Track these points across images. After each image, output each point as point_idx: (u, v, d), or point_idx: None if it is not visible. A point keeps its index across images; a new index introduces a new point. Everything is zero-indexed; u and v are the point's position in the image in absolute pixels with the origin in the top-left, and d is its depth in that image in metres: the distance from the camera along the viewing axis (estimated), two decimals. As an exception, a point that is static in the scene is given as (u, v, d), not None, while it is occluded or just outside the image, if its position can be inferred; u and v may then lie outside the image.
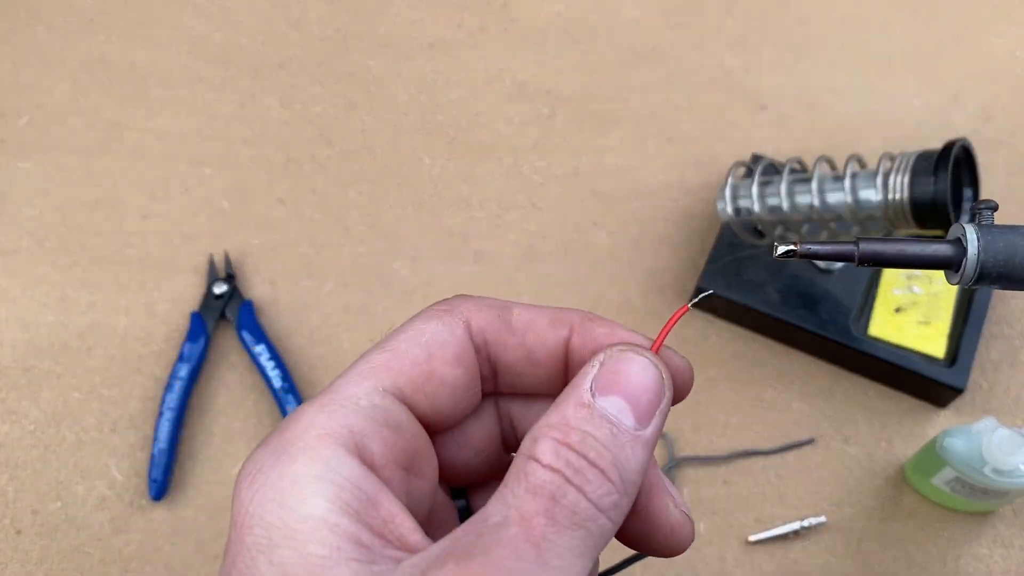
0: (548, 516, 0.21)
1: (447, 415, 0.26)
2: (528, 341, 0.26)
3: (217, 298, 0.66)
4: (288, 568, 0.20)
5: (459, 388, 0.26)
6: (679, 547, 0.27)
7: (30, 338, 0.65)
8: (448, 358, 0.25)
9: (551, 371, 0.27)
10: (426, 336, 0.25)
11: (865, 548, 0.61)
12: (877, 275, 0.68)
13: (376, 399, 0.24)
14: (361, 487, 0.22)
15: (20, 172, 0.71)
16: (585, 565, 0.21)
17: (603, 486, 0.22)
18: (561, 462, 0.22)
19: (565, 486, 0.22)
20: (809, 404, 0.66)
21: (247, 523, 0.21)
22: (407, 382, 0.25)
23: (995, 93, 0.81)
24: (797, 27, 0.84)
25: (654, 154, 0.76)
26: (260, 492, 0.21)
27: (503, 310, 0.26)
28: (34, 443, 0.61)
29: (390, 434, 0.23)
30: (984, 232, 0.25)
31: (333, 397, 0.23)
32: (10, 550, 0.58)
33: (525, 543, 0.20)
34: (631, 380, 0.24)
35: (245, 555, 0.21)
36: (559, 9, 0.83)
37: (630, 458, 0.23)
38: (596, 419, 0.23)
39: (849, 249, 0.26)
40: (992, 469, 0.56)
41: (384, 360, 0.25)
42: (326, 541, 0.20)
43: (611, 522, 0.22)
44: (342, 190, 0.73)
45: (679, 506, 0.26)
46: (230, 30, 0.80)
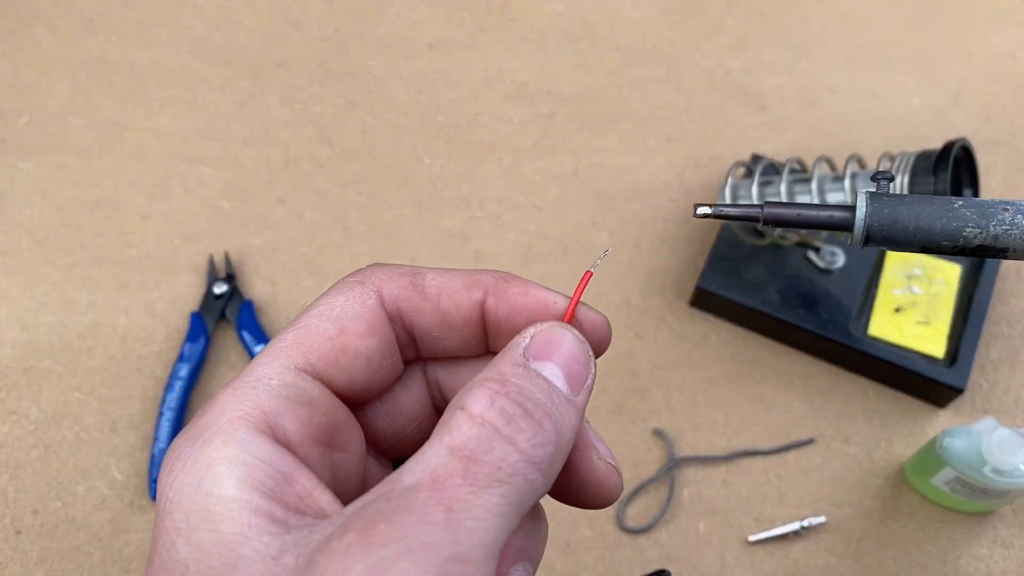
0: (466, 475, 0.21)
1: (366, 386, 0.26)
2: (442, 306, 0.26)
3: (217, 298, 0.66)
4: (204, 548, 0.21)
5: (374, 359, 0.26)
6: (607, 499, 0.27)
7: (30, 338, 0.65)
8: (360, 330, 0.25)
9: (468, 334, 0.27)
10: (336, 310, 0.25)
11: (865, 548, 0.61)
12: (877, 275, 0.68)
13: (287, 378, 0.24)
14: (274, 465, 0.22)
15: (20, 172, 0.71)
16: (507, 525, 0.21)
17: (538, 435, 0.22)
18: (495, 411, 0.22)
19: (492, 439, 0.21)
20: (809, 404, 0.66)
21: (167, 508, 0.22)
22: (319, 358, 0.25)
23: (995, 93, 0.81)
24: (797, 27, 0.84)
25: (654, 154, 0.76)
26: (178, 478, 0.22)
27: (416, 276, 0.26)
28: (34, 443, 0.61)
29: (304, 411, 0.24)
30: (874, 200, 0.28)
31: (245, 380, 0.24)
32: (10, 550, 0.58)
33: (435, 506, 0.20)
34: (563, 350, 0.24)
35: (165, 539, 0.21)
36: (559, 9, 0.83)
37: (565, 416, 0.23)
38: (532, 376, 0.23)
39: (755, 212, 0.29)
40: (992, 469, 0.56)
41: (295, 338, 0.25)
42: (238, 519, 0.21)
43: (542, 475, 0.22)
44: (342, 190, 0.73)
45: (604, 457, 0.26)
46: (230, 30, 0.80)
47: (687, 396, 0.65)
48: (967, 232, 0.28)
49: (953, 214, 0.28)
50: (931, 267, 0.68)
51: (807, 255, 0.68)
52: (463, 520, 0.20)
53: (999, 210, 0.28)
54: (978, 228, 0.27)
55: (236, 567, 0.20)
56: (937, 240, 0.28)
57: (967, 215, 0.28)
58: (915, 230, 0.28)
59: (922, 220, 0.28)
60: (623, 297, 0.69)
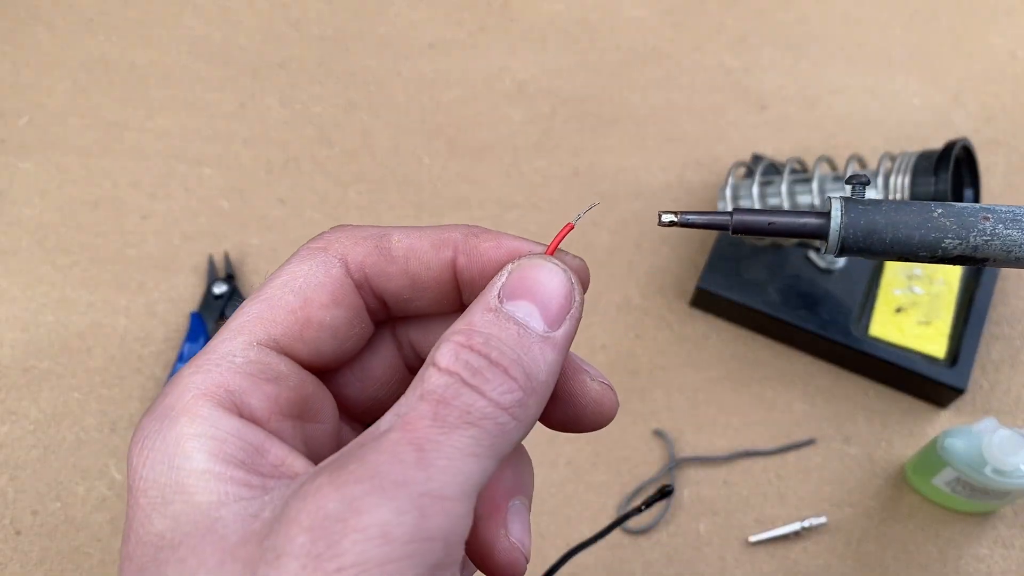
0: (435, 418, 0.21)
1: (334, 356, 0.26)
2: (411, 268, 0.25)
3: (217, 298, 0.66)
4: (179, 518, 0.21)
5: (341, 328, 0.25)
6: (606, 418, 0.27)
7: (30, 338, 0.65)
8: (324, 300, 0.24)
9: (439, 293, 0.26)
10: (299, 280, 0.24)
11: (865, 548, 0.61)
12: (878, 276, 0.68)
13: (251, 354, 0.24)
14: (244, 438, 0.22)
15: (20, 172, 0.71)
16: (482, 467, 0.21)
17: (504, 383, 0.22)
18: (460, 364, 0.22)
19: (459, 387, 0.21)
20: (810, 404, 0.65)
21: (140, 487, 0.22)
22: (283, 332, 0.24)
23: (995, 93, 0.81)
24: (797, 27, 0.84)
25: (654, 154, 0.76)
26: (149, 457, 0.22)
27: (381, 239, 0.25)
28: (34, 443, 0.61)
29: (270, 387, 0.23)
30: (850, 208, 0.27)
31: (209, 356, 0.23)
32: (10, 550, 0.58)
33: (406, 446, 0.20)
34: (540, 286, 0.24)
35: (140, 514, 0.22)
36: (559, 9, 0.83)
37: (538, 359, 0.23)
38: (502, 321, 0.23)
39: (724, 219, 0.27)
40: (992, 469, 0.56)
41: (258, 312, 0.24)
42: (212, 488, 0.21)
43: (515, 420, 0.22)
44: (342, 190, 0.73)
45: (597, 378, 0.26)
46: (230, 30, 0.80)
47: (687, 396, 0.65)
48: (946, 243, 0.26)
49: (932, 224, 0.26)
50: (932, 267, 0.68)
51: (808, 255, 0.68)
52: (434, 459, 0.20)
53: (979, 219, 0.26)
54: (958, 239, 0.26)
55: (213, 529, 0.21)
56: (915, 251, 0.27)
57: (946, 225, 0.26)
58: (892, 241, 0.27)
59: (899, 230, 0.27)
60: (623, 297, 0.69)
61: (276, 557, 0.19)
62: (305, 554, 0.19)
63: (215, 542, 0.20)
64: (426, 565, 0.19)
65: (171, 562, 0.21)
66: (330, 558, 0.19)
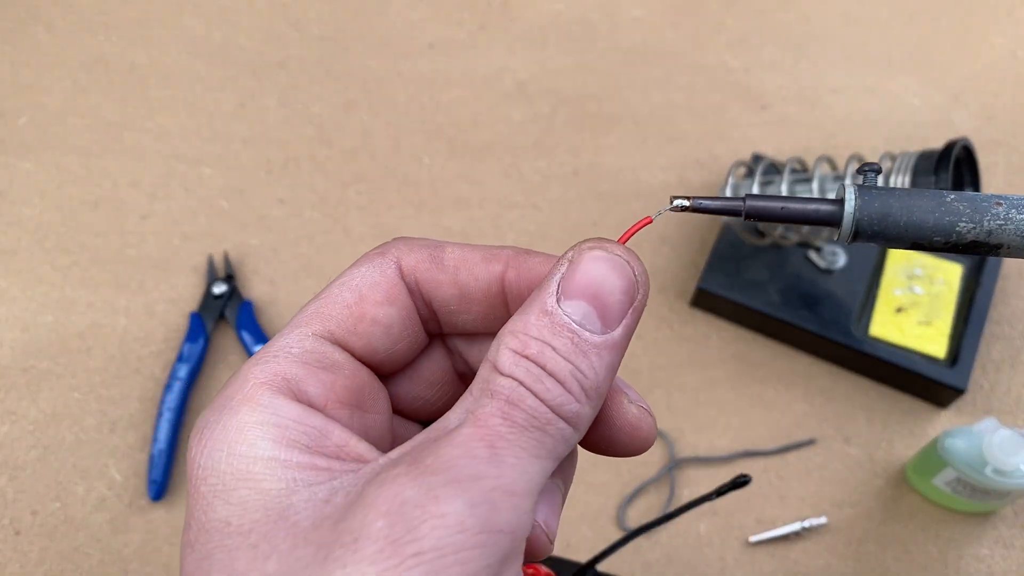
0: (505, 417, 0.22)
1: (388, 355, 0.26)
2: (460, 278, 0.26)
3: (216, 298, 0.66)
4: (247, 505, 0.21)
5: (393, 327, 0.26)
6: (643, 444, 0.26)
7: (29, 338, 0.65)
8: (378, 298, 0.25)
9: (487, 308, 0.27)
10: (356, 279, 0.26)
11: (866, 549, 0.61)
12: (878, 276, 0.67)
13: (307, 344, 0.24)
14: (305, 423, 0.23)
15: (20, 172, 0.71)
16: (543, 468, 0.22)
17: (561, 395, 0.22)
18: (520, 371, 0.22)
19: (523, 391, 0.22)
20: (810, 404, 0.65)
21: (200, 475, 0.22)
22: (337, 324, 0.25)
23: (996, 93, 0.81)
24: (798, 27, 0.84)
25: (654, 154, 0.76)
26: (208, 445, 0.22)
27: (436, 249, 0.26)
28: (33, 443, 0.61)
29: (326, 375, 0.24)
30: (863, 193, 0.27)
31: (268, 350, 0.24)
32: (9, 551, 0.58)
33: (479, 442, 0.21)
34: (598, 280, 0.23)
35: (201, 502, 0.22)
36: (559, 9, 0.83)
37: (594, 365, 0.23)
38: (557, 328, 0.23)
39: (736, 204, 0.27)
40: (993, 469, 0.56)
41: (315, 308, 0.25)
42: (280, 476, 0.22)
43: (572, 428, 0.23)
44: (342, 190, 0.72)
45: (635, 402, 0.26)
46: (229, 30, 0.80)
47: (688, 396, 0.65)
48: (960, 227, 0.26)
49: (946, 208, 0.26)
50: (932, 267, 0.68)
51: (808, 255, 0.68)
52: (505, 456, 0.21)
53: (992, 204, 0.26)
54: (971, 223, 0.26)
55: (284, 515, 0.21)
56: (929, 235, 0.27)
57: (960, 209, 0.26)
58: (906, 224, 0.27)
59: (914, 214, 0.26)
60: (623, 297, 0.69)
61: (353, 540, 0.20)
62: (383, 538, 0.19)
63: (287, 528, 0.21)
64: (495, 556, 0.20)
65: (242, 548, 0.21)
66: (408, 542, 0.19)
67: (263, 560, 0.20)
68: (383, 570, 0.19)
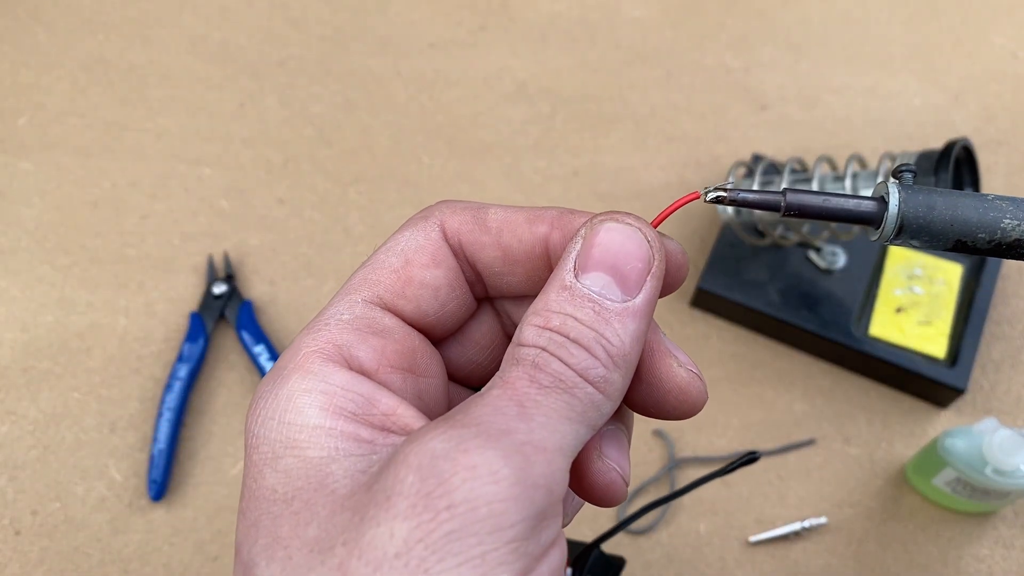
0: (532, 379, 0.22)
1: (437, 318, 0.26)
2: (504, 240, 0.26)
3: (216, 298, 0.66)
4: (290, 472, 0.22)
5: (441, 289, 0.26)
6: (692, 408, 0.26)
7: (29, 338, 0.65)
8: (424, 261, 0.25)
9: (531, 269, 0.26)
10: (401, 244, 0.26)
11: (866, 549, 0.61)
12: (878, 276, 0.67)
13: (357, 310, 0.25)
14: (354, 390, 0.23)
15: (19, 172, 0.71)
16: (576, 432, 0.22)
17: (586, 359, 0.22)
18: (543, 340, 0.22)
19: (548, 356, 0.22)
20: (810, 405, 0.65)
21: (253, 444, 0.23)
22: (386, 289, 0.25)
23: (996, 93, 0.81)
24: (798, 27, 0.84)
25: (654, 154, 0.76)
26: (261, 415, 0.23)
27: (479, 211, 0.26)
28: (33, 443, 0.61)
29: (377, 340, 0.24)
30: (905, 189, 0.26)
31: (318, 320, 0.24)
32: (9, 551, 0.58)
33: (507, 401, 0.21)
34: (613, 251, 0.24)
35: (253, 471, 0.22)
36: (559, 9, 0.83)
37: (618, 332, 0.23)
38: (577, 300, 0.23)
39: (775, 199, 0.26)
40: (993, 470, 0.56)
41: (363, 275, 0.25)
42: (323, 444, 0.22)
43: (602, 394, 0.22)
44: (342, 190, 0.72)
45: (685, 365, 0.26)
46: (229, 29, 0.80)
47: (687, 396, 0.65)
48: (1005, 223, 0.26)
49: (989, 205, 0.26)
50: (932, 267, 0.68)
51: (808, 255, 0.68)
52: (534, 414, 0.21)
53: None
54: (1015, 220, 0.26)
55: (324, 483, 0.21)
56: (974, 232, 0.26)
57: (1003, 206, 0.26)
58: (952, 220, 0.26)
59: (958, 211, 0.26)
60: (623, 297, 0.69)
61: (386, 498, 0.20)
62: (415, 493, 0.19)
63: (326, 495, 0.21)
64: (532, 511, 0.20)
65: (285, 515, 0.21)
66: (440, 496, 0.19)
67: (304, 526, 0.21)
68: (416, 525, 0.19)
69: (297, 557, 0.20)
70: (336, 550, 0.20)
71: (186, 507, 0.60)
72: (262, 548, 0.21)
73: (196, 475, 0.61)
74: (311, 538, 0.20)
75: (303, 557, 0.20)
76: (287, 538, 0.21)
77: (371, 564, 0.19)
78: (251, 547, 0.21)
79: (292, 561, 0.20)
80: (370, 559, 0.19)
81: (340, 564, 0.20)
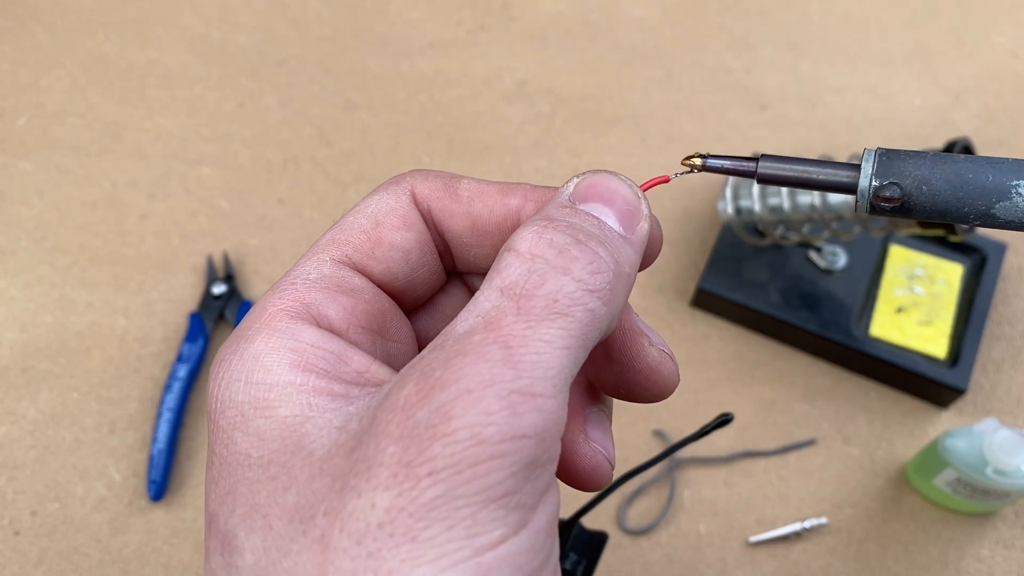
0: (520, 311, 0.20)
1: (407, 283, 0.26)
2: (474, 209, 0.25)
3: (216, 298, 0.66)
4: (264, 434, 0.21)
5: (412, 252, 0.25)
6: (663, 388, 0.26)
7: (28, 338, 0.65)
8: (395, 223, 0.25)
9: (500, 242, 0.26)
10: (372, 206, 0.25)
11: (866, 549, 0.61)
12: (878, 276, 0.67)
13: (325, 269, 0.24)
14: (324, 347, 0.22)
15: (18, 172, 0.71)
16: (573, 358, 0.20)
17: (594, 262, 0.21)
18: (543, 244, 0.21)
19: (544, 272, 0.20)
20: (810, 405, 0.65)
21: (219, 409, 0.21)
22: (355, 249, 0.25)
23: (997, 92, 0.81)
24: (798, 26, 0.84)
25: (654, 154, 0.76)
26: (224, 378, 0.22)
27: (451, 180, 0.26)
28: (32, 444, 0.61)
29: (346, 299, 0.24)
30: (883, 155, 0.24)
31: (284, 279, 0.24)
32: (8, 551, 0.58)
33: (491, 345, 0.20)
34: (610, 191, 0.23)
35: (222, 436, 0.21)
36: (559, 8, 0.83)
37: (621, 248, 0.22)
38: (581, 215, 0.22)
39: (748, 165, 0.26)
40: (993, 470, 0.55)
41: (332, 235, 0.25)
42: (295, 401, 0.21)
43: (603, 304, 0.21)
44: (341, 190, 0.72)
45: (657, 344, 0.25)
46: (229, 29, 0.80)
47: (688, 397, 0.65)
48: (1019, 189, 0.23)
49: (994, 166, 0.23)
50: (933, 267, 0.68)
51: (808, 255, 0.67)
52: (522, 355, 0.20)
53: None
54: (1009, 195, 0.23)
55: (300, 445, 0.20)
56: (974, 200, 0.23)
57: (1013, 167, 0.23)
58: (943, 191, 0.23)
59: (957, 178, 0.23)
60: (623, 297, 0.69)
61: (367, 468, 0.19)
62: (396, 462, 0.19)
63: (304, 457, 0.20)
64: (520, 464, 0.19)
65: (263, 481, 0.20)
66: (420, 464, 0.19)
67: (283, 492, 0.20)
68: (398, 494, 0.19)
69: (277, 526, 0.20)
70: (317, 520, 0.19)
71: (186, 507, 0.60)
72: (241, 518, 0.20)
73: (196, 475, 0.61)
74: (290, 505, 0.20)
75: (283, 527, 0.20)
76: (266, 505, 0.20)
77: (353, 536, 0.19)
78: (228, 517, 0.21)
79: (273, 531, 0.20)
80: (352, 530, 0.19)
81: (322, 535, 0.19)
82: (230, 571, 0.20)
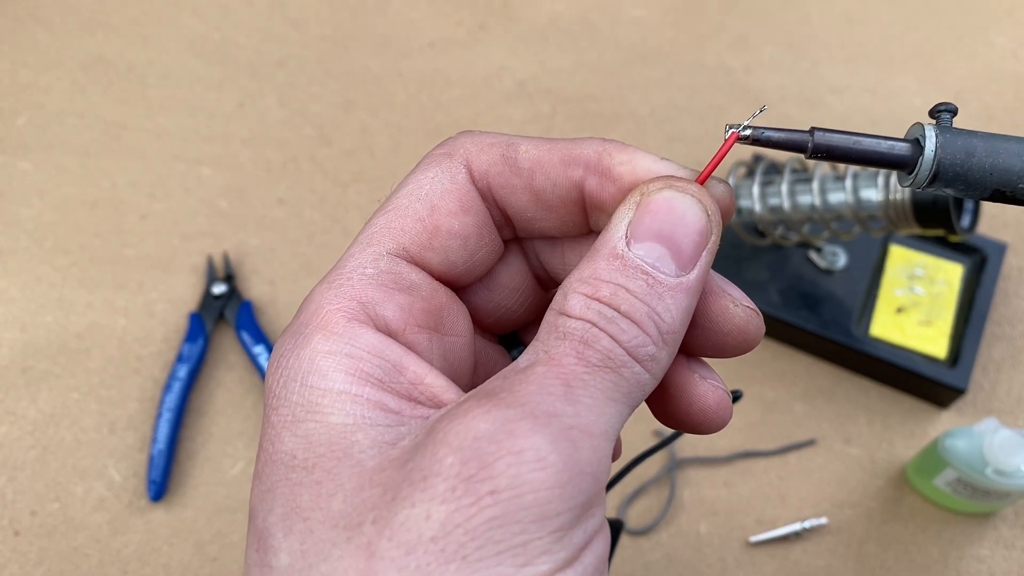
0: (579, 356, 0.20)
1: (466, 268, 0.24)
2: (536, 183, 0.24)
3: (216, 298, 0.66)
4: (311, 438, 0.20)
5: (471, 237, 0.24)
6: (750, 343, 0.25)
7: (28, 338, 0.65)
8: (452, 208, 0.23)
9: (565, 214, 0.24)
10: (425, 187, 0.24)
11: (866, 549, 0.61)
12: (879, 276, 0.67)
13: (382, 265, 0.23)
14: (381, 355, 0.21)
15: (18, 172, 0.71)
16: (619, 412, 0.20)
17: (638, 336, 0.21)
18: (592, 313, 0.21)
19: (597, 332, 0.21)
20: (810, 405, 0.65)
21: (273, 404, 0.21)
22: (411, 240, 0.23)
23: (997, 92, 0.81)
24: (798, 26, 0.84)
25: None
26: (283, 375, 0.21)
27: (508, 148, 0.24)
28: (32, 444, 0.61)
29: (404, 297, 0.23)
30: (943, 132, 0.24)
31: (340, 272, 0.23)
32: (8, 551, 0.58)
33: (554, 380, 0.20)
34: (671, 222, 0.22)
35: (271, 432, 0.21)
36: (559, 8, 0.83)
37: (670, 308, 0.21)
38: (630, 271, 0.21)
39: (803, 138, 0.24)
40: (993, 470, 0.55)
41: (385, 222, 0.23)
42: (348, 411, 0.20)
43: (648, 373, 0.21)
44: (341, 190, 0.72)
45: (740, 302, 0.24)
46: (229, 29, 0.80)
47: (688, 397, 0.65)
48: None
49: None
50: (933, 267, 0.68)
51: (808, 255, 0.67)
52: (581, 396, 0.20)
53: None
54: None
55: (349, 453, 0.20)
56: (1015, 181, 0.23)
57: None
58: (992, 168, 0.23)
59: (999, 157, 0.23)
60: (623, 297, 0.69)
61: (423, 478, 0.18)
62: (455, 475, 0.18)
63: (352, 466, 0.20)
64: (578, 499, 0.19)
65: (305, 484, 0.20)
66: (482, 480, 0.18)
67: (327, 498, 0.19)
68: (455, 509, 0.18)
69: (319, 531, 0.19)
70: (364, 528, 0.19)
71: (185, 507, 0.60)
72: (279, 517, 0.20)
73: (195, 475, 0.61)
74: (336, 512, 0.19)
75: (325, 532, 0.19)
76: (307, 509, 0.20)
77: (403, 546, 0.18)
78: (267, 515, 0.20)
79: (313, 535, 0.19)
80: (402, 541, 0.18)
81: (368, 543, 0.18)
82: (263, 570, 0.20)
